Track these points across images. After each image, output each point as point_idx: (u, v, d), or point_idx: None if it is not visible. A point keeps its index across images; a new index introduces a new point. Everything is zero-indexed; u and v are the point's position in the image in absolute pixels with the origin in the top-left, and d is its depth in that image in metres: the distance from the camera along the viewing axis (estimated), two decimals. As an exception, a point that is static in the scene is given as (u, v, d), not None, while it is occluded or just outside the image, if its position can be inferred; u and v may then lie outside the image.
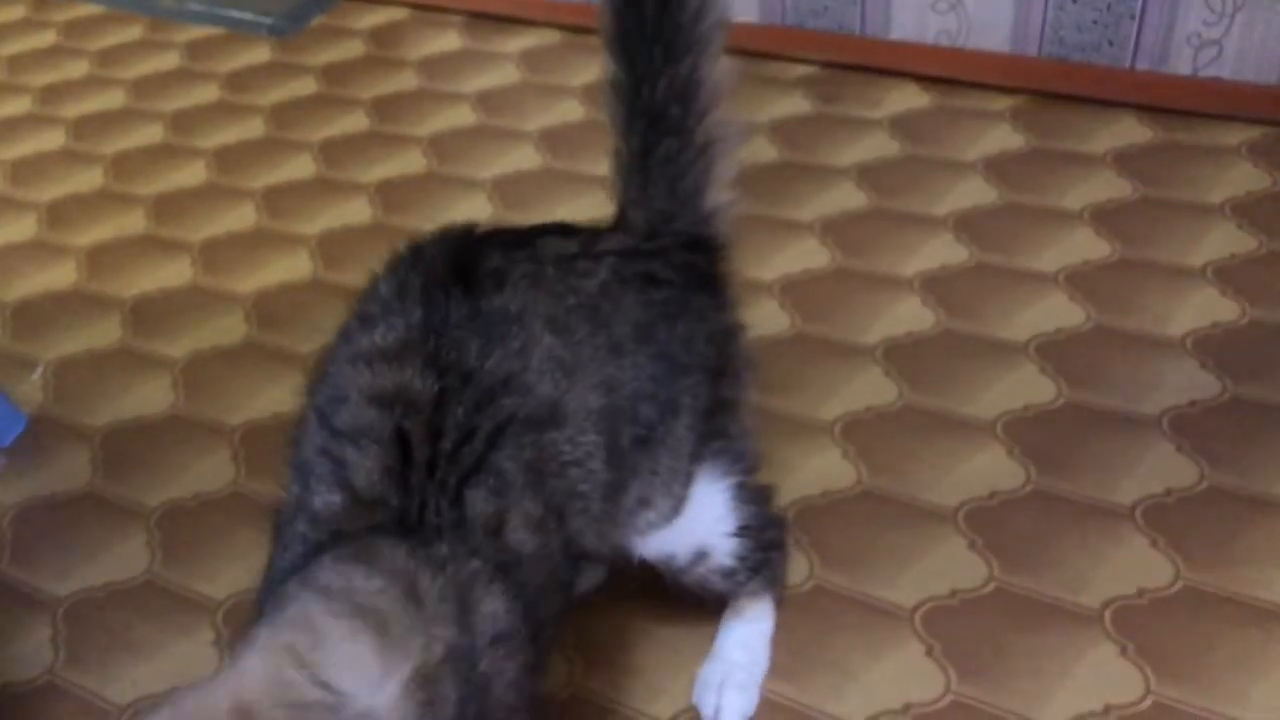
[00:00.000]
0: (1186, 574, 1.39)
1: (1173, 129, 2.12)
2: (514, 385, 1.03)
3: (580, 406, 1.06)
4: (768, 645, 1.35)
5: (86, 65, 2.77)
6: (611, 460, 1.09)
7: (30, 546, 1.60)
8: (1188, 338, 1.70)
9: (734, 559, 1.26)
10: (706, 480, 1.21)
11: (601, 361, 1.09)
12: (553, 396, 1.05)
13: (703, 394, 1.18)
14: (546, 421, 1.04)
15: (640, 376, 1.12)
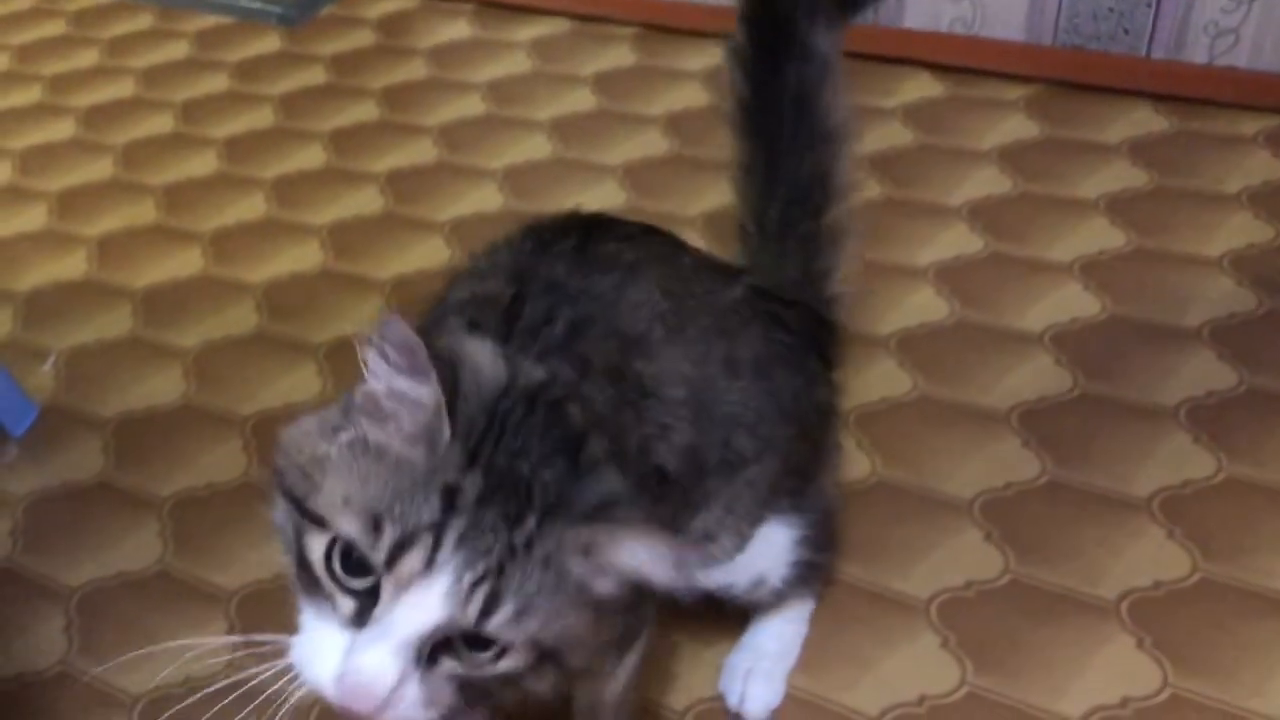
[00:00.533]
0: (1204, 565, 1.39)
1: (1189, 118, 2.10)
2: (606, 303, 0.95)
3: (675, 371, 1.01)
4: (800, 640, 1.34)
5: (96, 54, 2.77)
6: (690, 459, 1.04)
7: (43, 536, 1.60)
8: (1204, 328, 1.69)
9: (788, 582, 1.26)
10: (774, 525, 1.19)
11: (715, 365, 1.07)
12: (645, 334, 0.99)
13: (794, 451, 1.16)
14: (633, 346, 0.97)
15: (747, 405, 1.09)
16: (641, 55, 2.48)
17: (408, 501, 0.72)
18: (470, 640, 0.73)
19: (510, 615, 0.72)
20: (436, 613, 0.71)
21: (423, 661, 0.72)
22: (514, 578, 0.71)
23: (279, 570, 1.51)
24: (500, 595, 0.71)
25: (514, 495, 0.73)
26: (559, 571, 0.73)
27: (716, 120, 2.29)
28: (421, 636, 0.72)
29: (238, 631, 1.44)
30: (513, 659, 0.74)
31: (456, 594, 0.71)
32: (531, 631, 0.73)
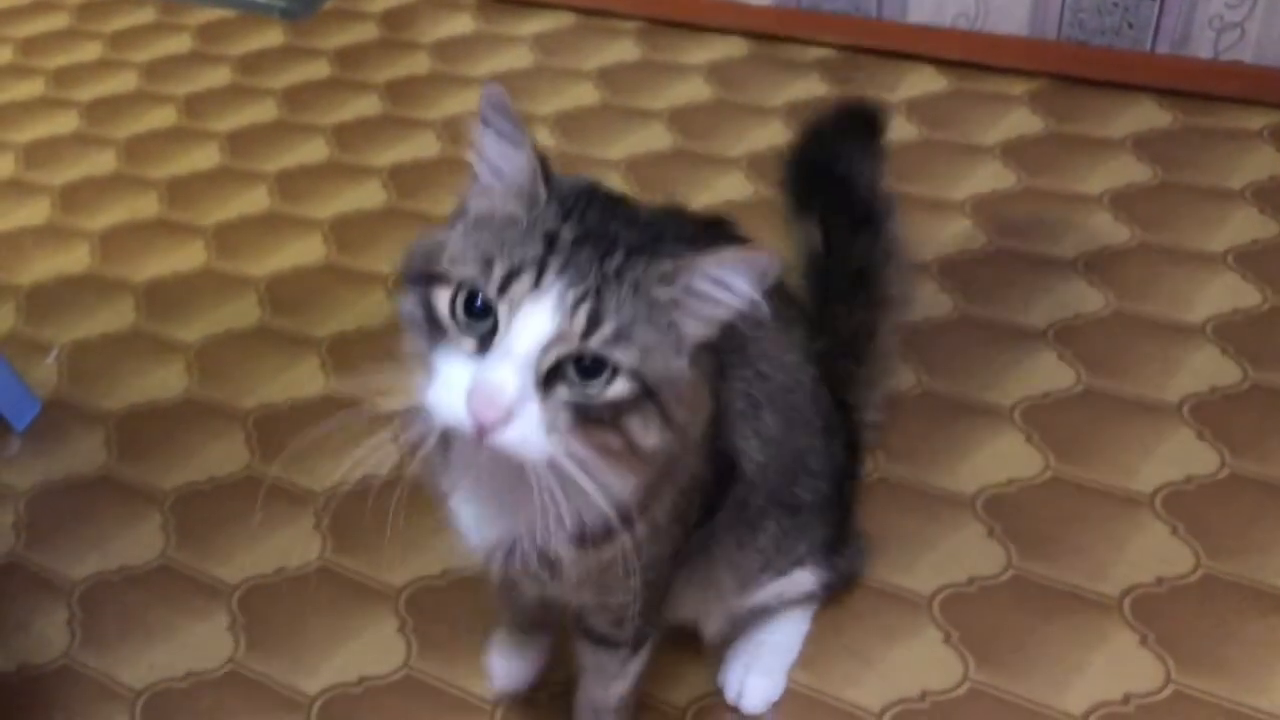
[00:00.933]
0: (1207, 562, 1.38)
1: (1193, 113, 2.10)
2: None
3: (779, 359, 1.12)
4: (802, 636, 1.35)
5: (99, 48, 2.76)
6: (766, 459, 1.12)
7: (46, 530, 1.60)
8: (1208, 324, 1.68)
9: (797, 600, 1.31)
10: (806, 571, 1.26)
11: (804, 393, 1.17)
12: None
13: (837, 513, 1.26)
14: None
15: (816, 448, 1.20)
16: (645, 49, 2.47)
17: (514, 245, 0.83)
18: (581, 369, 0.82)
19: (611, 333, 0.81)
20: (548, 327, 0.80)
21: (541, 386, 0.81)
22: (610, 301, 0.82)
23: (281, 564, 1.51)
24: (600, 314, 0.81)
25: (604, 239, 0.84)
26: (649, 301, 0.83)
27: (719, 115, 2.29)
28: (537, 353, 0.81)
29: (240, 625, 1.44)
30: (619, 386, 0.82)
31: (562, 309, 0.81)
32: (633, 358, 0.82)
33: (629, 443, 0.85)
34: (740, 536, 1.16)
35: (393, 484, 1.58)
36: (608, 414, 0.83)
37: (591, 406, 0.82)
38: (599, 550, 0.97)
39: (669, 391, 0.85)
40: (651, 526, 0.98)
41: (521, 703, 1.33)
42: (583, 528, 0.94)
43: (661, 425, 0.85)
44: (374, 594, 1.47)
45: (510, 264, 0.82)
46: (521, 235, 0.84)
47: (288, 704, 1.36)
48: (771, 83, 2.32)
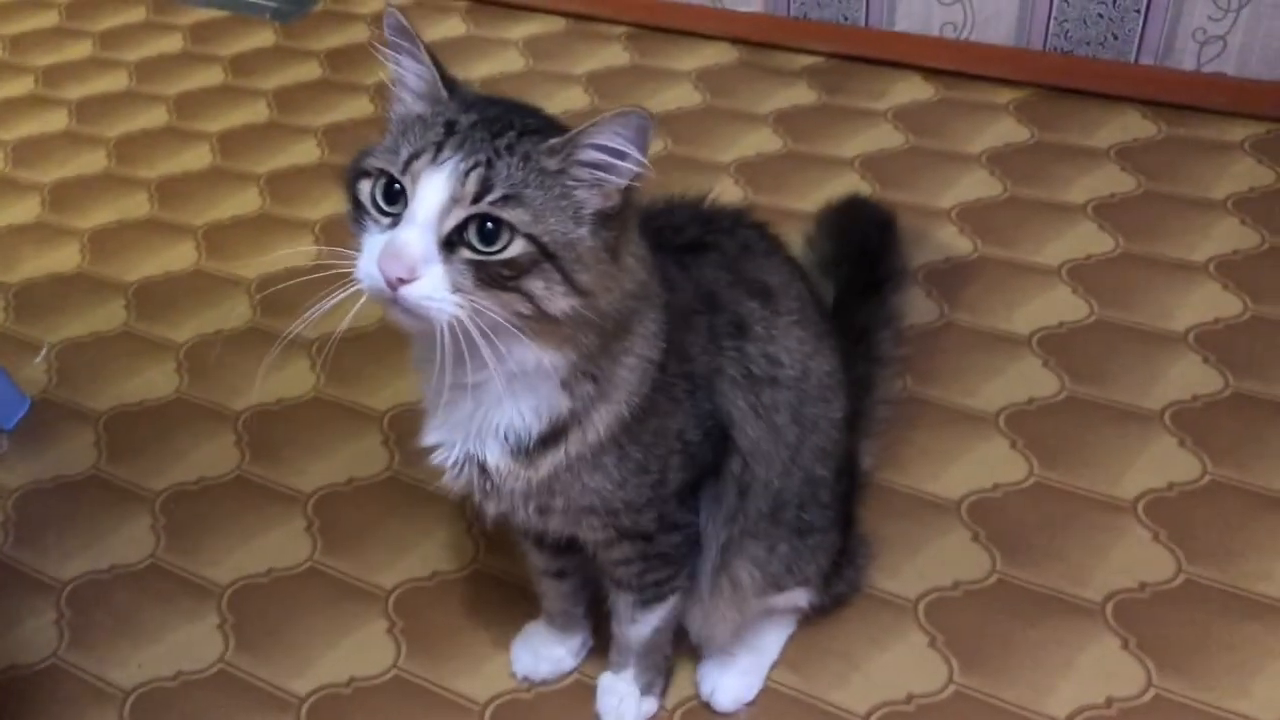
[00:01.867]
0: (1188, 568, 1.40)
1: (1176, 124, 2.12)
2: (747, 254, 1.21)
3: (795, 349, 1.18)
4: (784, 639, 1.36)
5: (89, 46, 2.76)
6: (764, 444, 1.17)
7: (34, 529, 1.61)
8: (1190, 333, 1.71)
9: (798, 609, 1.34)
10: (801, 591, 1.30)
11: (816, 383, 1.21)
12: (774, 288, 1.19)
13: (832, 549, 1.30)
14: (757, 291, 1.18)
15: (830, 442, 1.24)
16: (634, 55, 2.49)
17: (419, 133, 0.95)
18: (481, 234, 0.91)
19: (500, 196, 0.91)
20: (444, 190, 0.91)
21: (443, 248, 0.91)
22: (501, 170, 0.92)
23: (271, 565, 1.52)
24: (491, 180, 0.91)
25: (499, 123, 0.95)
26: (540, 170, 0.93)
27: (708, 121, 2.30)
28: (437, 217, 0.91)
29: (230, 625, 1.45)
30: (516, 246, 0.91)
31: (456, 176, 0.91)
32: (525, 219, 0.91)
33: (536, 308, 0.93)
34: (755, 553, 1.20)
35: (381, 485, 1.58)
36: (509, 275, 0.92)
37: (491, 264, 0.91)
38: (533, 463, 1.04)
39: (568, 255, 0.93)
40: (595, 450, 1.04)
41: (509, 703, 1.34)
42: (517, 433, 1.03)
43: (566, 289, 0.93)
44: (364, 595, 1.47)
45: (414, 148, 0.94)
46: (425, 127, 0.96)
47: (278, 704, 1.36)
48: (760, 90, 2.33)
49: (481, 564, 1.50)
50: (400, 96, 1.01)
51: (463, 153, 0.92)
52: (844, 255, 1.56)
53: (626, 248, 0.99)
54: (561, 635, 1.35)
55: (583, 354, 0.99)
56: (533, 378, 0.99)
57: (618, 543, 1.14)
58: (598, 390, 1.02)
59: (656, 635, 1.25)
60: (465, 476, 1.08)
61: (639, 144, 0.92)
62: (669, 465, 1.10)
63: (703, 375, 1.11)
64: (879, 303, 1.52)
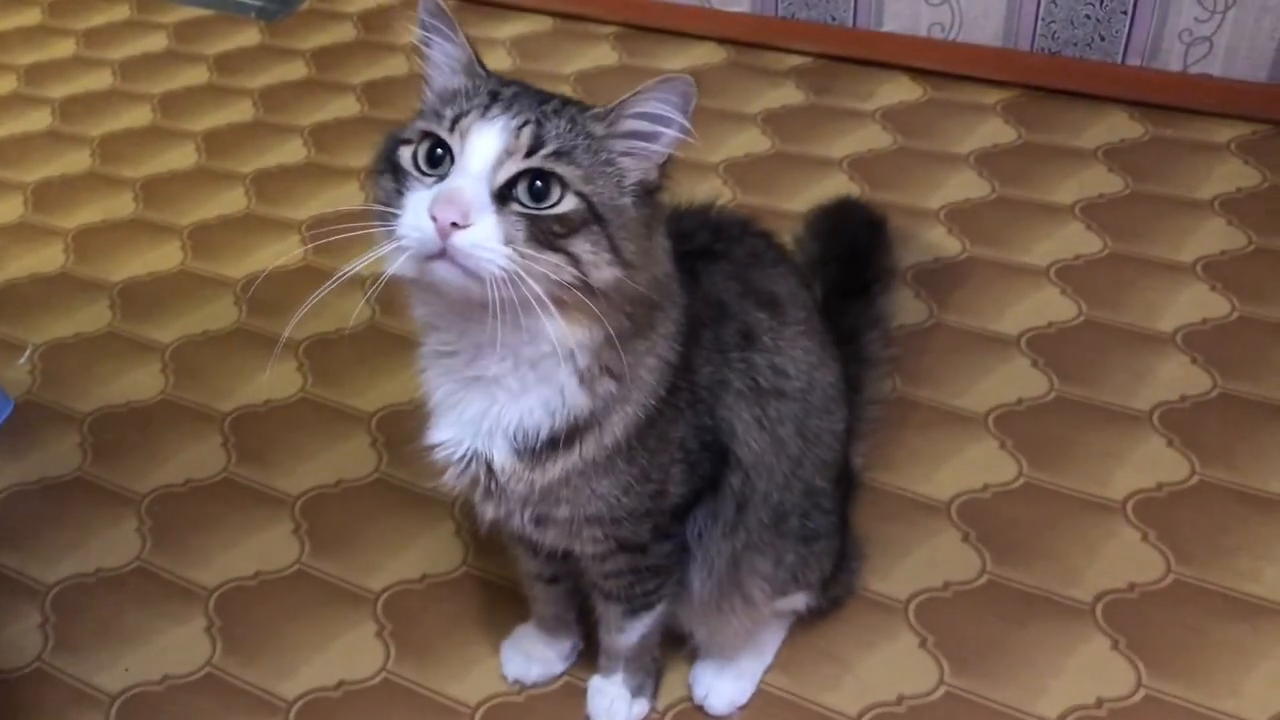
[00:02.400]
0: (1177, 568, 1.41)
1: (1163, 125, 2.13)
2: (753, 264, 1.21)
3: (803, 360, 1.17)
4: (778, 642, 1.36)
5: (72, 45, 2.74)
6: (768, 455, 1.15)
7: (18, 532, 1.59)
8: (1178, 333, 1.71)
9: (794, 611, 1.34)
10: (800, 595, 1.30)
11: (821, 395, 1.21)
12: (781, 298, 1.19)
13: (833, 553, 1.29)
14: (765, 301, 1.17)
15: (834, 445, 1.25)
16: (622, 54, 2.48)
17: (463, 100, 0.96)
18: (532, 191, 0.91)
19: (553, 150, 0.92)
20: (496, 145, 0.91)
21: (496, 200, 0.90)
22: (550, 128, 0.93)
23: (258, 567, 1.51)
24: (542, 136, 0.92)
25: (541, 93, 0.98)
26: (587, 134, 0.94)
27: (696, 121, 2.29)
28: (490, 169, 0.91)
29: (217, 628, 1.44)
30: (568, 202, 0.91)
31: (508, 130, 0.92)
32: (577, 177, 0.92)
33: (582, 273, 0.92)
34: (764, 568, 1.20)
35: (370, 488, 1.57)
36: (560, 232, 0.91)
37: (543, 219, 0.91)
38: (542, 464, 1.03)
39: (615, 221, 0.93)
40: (610, 452, 1.03)
41: (500, 706, 1.34)
42: (526, 434, 1.02)
43: (611, 256, 0.93)
44: (352, 597, 1.46)
45: (460, 109, 0.94)
46: (469, 94, 0.96)
47: (266, 708, 1.35)
48: (748, 90, 2.33)
49: (471, 566, 1.49)
50: (435, 76, 1.01)
51: (512, 111, 0.93)
52: (831, 256, 1.55)
53: (659, 231, 1.00)
54: (552, 638, 1.34)
55: (609, 338, 0.97)
56: (554, 366, 0.98)
57: (613, 555, 1.13)
58: (619, 390, 1.01)
59: (644, 641, 1.25)
60: (470, 475, 1.06)
61: (684, 109, 0.93)
62: (670, 476, 1.09)
63: (705, 386, 1.10)
64: (867, 304, 1.52)
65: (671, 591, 1.19)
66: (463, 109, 0.93)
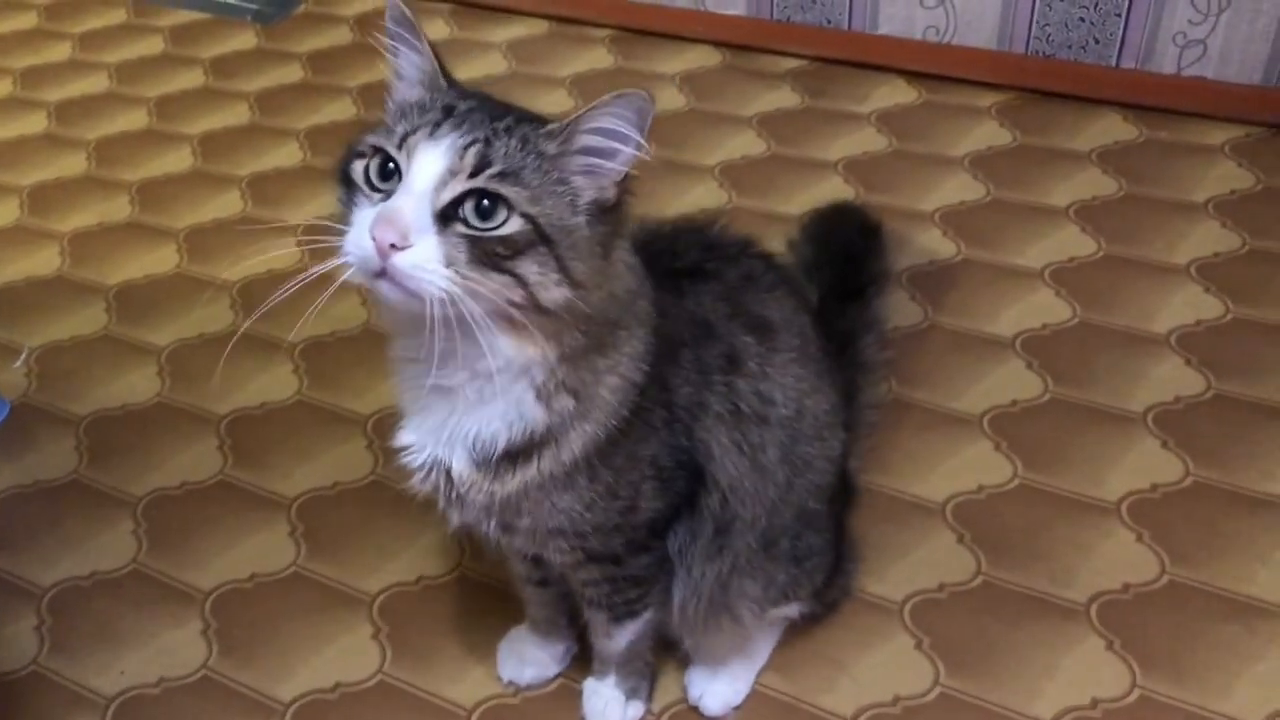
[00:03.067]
0: (1171, 569, 1.41)
1: (1157, 127, 2.14)
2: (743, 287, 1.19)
3: (791, 385, 1.16)
4: (772, 644, 1.36)
5: (68, 49, 2.74)
6: (749, 480, 1.15)
7: (14, 535, 1.59)
8: (1172, 334, 1.72)
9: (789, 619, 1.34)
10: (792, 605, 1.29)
11: (814, 419, 1.20)
12: (770, 321, 1.17)
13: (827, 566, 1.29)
14: (754, 325, 1.15)
15: (819, 504, 1.23)
16: (618, 57, 2.49)
17: (416, 115, 0.95)
18: (478, 210, 0.90)
19: (498, 172, 0.90)
20: (441, 163, 0.90)
21: (438, 220, 0.90)
22: (499, 148, 0.91)
23: (254, 570, 1.51)
24: (489, 157, 0.91)
25: (497, 108, 0.96)
26: (539, 154, 0.92)
27: (692, 123, 2.30)
28: (433, 189, 0.90)
29: (213, 630, 1.44)
30: (513, 224, 0.90)
31: (454, 151, 0.91)
32: (523, 198, 0.90)
33: (529, 294, 0.91)
34: (753, 591, 1.20)
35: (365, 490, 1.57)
36: (504, 254, 0.90)
37: (486, 240, 0.90)
38: (500, 476, 1.02)
39: (564, 241, 0.92)
40: (569, 469, 1.02)
41: (495, 708, 1.34)
42: (483, 444, 1.01)
43: (559, 277, 0.92)
44: (348, 600, 1.47)
45: (411, 125, 0.93)
46: (423, 109, 0.95)
47: (262, 710, 1.35)
48: (744, 93, 2.34)
49: (467, 569, 1.49)
50: (397, 86, 1.01)
51: (461, 130, 0.92)
52: (826, 260, 1.55)
53: (618, 248, 0.98)
54: (545, 641, 1.34)
55: (564, 355, 0.97)
56: (509, 381, 0.98)
57: (585, 565, 1.13)
58: (577, 407, 1.01)
59: (633, 646, 1.24)
60: (432, 482, 1.07)
61: (639, 126, 0.91)
62: (640, 492, 1.08)
63: (683, 407, 1.09)
64: (862, 308, 1.52)
65: (657, 600, 1.19)
66: (413, 125, 0.93)
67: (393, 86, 1.01)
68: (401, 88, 1.00)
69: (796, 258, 1.57)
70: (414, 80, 1.00)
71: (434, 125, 0.92)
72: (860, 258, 1.57)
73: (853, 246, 1.58)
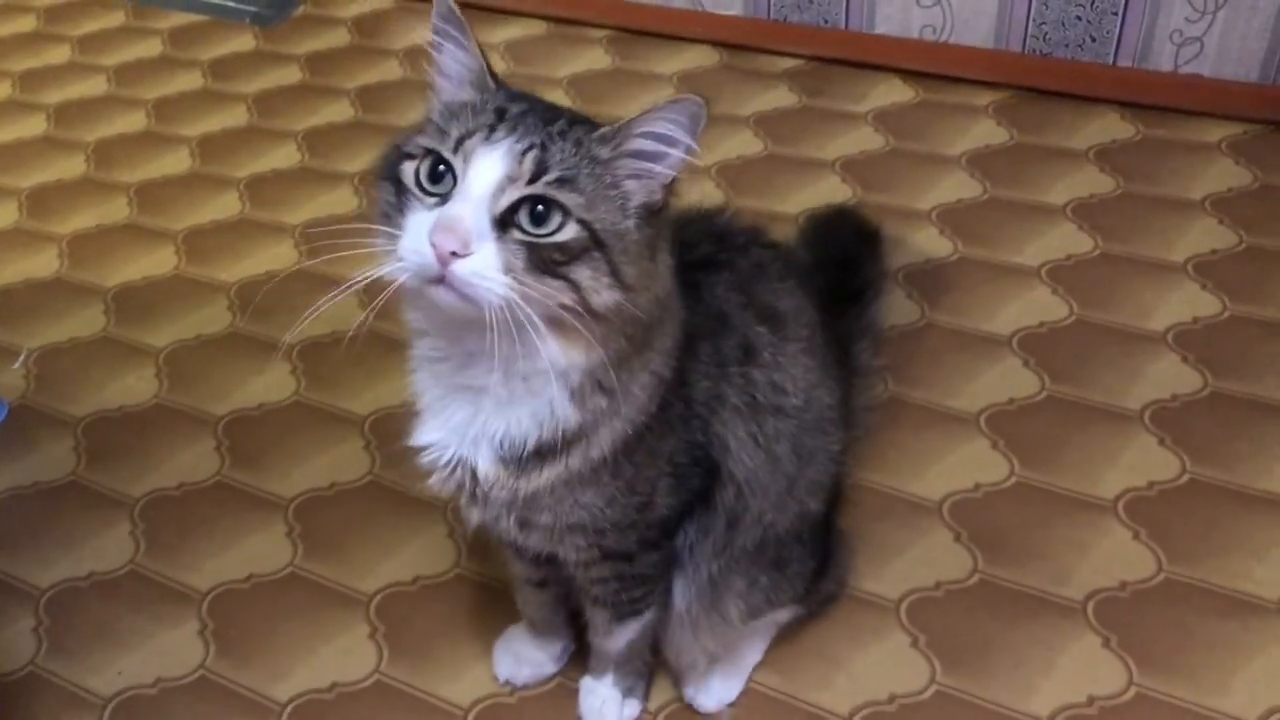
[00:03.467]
0: (1168, 566, 1.41)
1: (1154, 125, 2.14)
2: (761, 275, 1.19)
3: (803, 378, 1.16)
4: (767, 641, 1.36)
5: (68, 51, 2.74)
6: (760, 470, 1.15)
7: (12, 536, 1.59)
8: (1169, 332, 1.72)
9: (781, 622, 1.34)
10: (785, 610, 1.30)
11: (817, 414, 1.19)
12: (784, 314, 1.17)
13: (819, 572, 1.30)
14: (768, 316, 1.16)
15: (818, 506, 1.24)
16: (616, 58, 2.49)
17: (469, 117, 0.94)
18: (533, 216, 0.90)
19: (556, 178, 0.90)
20: (499, 171, 0.89)
21: (496, 227, 0.89)
22: (555, 153, 0.91)
23: (251, 570, 1.51)
24: (546, 162, 0.90)
25: (549, 111, 0.96)
26: (592, 158, 0.92)
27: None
28: (491, 195, 0.89)
29: (210, 631, 1.44)
30: (569, 230, 0.90)
31: (512, 156, 0.90)
32: (579, 204, 0.90)
33: (581, 299, 0.91)
34: (739, 587, 1.20)
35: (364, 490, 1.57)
36: (560, 260, 0.90)
37: (543, 246, 0.90)
38: (527, 473, 1.02)
39: (617, 246, 0.92)
40: (595, 465, 1.02)
41: (492, 707, 1.34)
42: (512, 443, 1.01)
43: (611, 280, 0.92)
44: (345, 600, 1.47)
45: (465, 129, 0.92)
46: (475, 111, 0.94)
47: (259, 710, 1.35)
48: (741, 92, 2.34)
49: (464, 568, 1.49)
50: (443, 85, 0.99)
51: (517, 134, 0.91)
52: (822, 264, 1.55)
53: (662, 250, 0.98)
54: (542, 640, 1.34)
55: (608, 359, 0.96)
56: (544, 383, 0.97)
57: (598, 562, 1.13)
58: (610, 405, 1.00)
59: (632, 646, 1.25)
60: (455, 480, 1.06)
61: (692, 130, 0.91)
62: (657, 488, 1.09)
63: (701, 401, 1.09)
64: (858, 312, 1.52)
65: (658, 600, 1.19)
66: (468, 129, 0.91)
67: (438, 86, 1.00)
68: (448, 88, 0.99)
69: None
70: (462, 80, 0.98)
71: (489, 129, 0.91)
72: (857, 262, 1.57)
73: (849, 251, 1.58)
